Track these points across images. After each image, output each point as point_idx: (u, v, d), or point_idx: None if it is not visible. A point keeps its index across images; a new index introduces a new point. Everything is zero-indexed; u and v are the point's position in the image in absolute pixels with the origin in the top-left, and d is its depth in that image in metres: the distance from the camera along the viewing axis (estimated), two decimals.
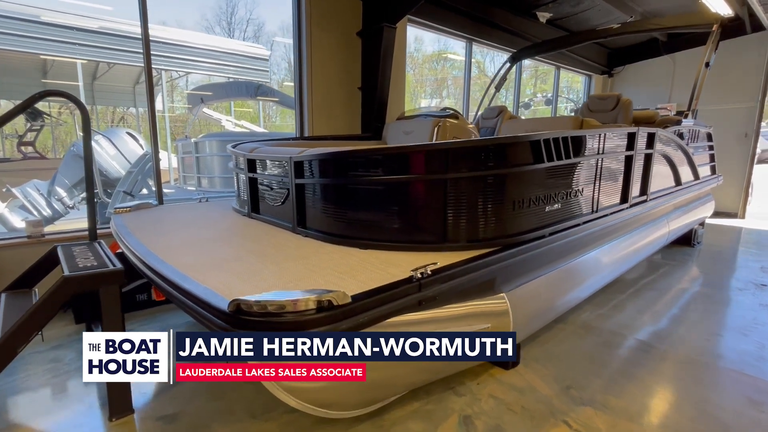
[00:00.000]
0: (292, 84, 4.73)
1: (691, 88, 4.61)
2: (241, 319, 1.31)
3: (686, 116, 4.50)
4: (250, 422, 2.14)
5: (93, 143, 5.76)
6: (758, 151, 8.59)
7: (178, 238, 2.38)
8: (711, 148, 5.47)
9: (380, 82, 4.81)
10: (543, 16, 7.36)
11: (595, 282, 3.13)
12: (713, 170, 5.77)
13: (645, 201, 3.60)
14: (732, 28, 6.07)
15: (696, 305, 3.76)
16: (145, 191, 5.66)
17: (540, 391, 2.42)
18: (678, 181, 4.43)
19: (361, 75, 5.20)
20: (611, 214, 3.06)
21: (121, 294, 2.15)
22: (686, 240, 5.72)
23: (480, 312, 2.07)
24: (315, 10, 4.61)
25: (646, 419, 2.18)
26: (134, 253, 2.14)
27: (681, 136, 4.27)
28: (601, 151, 2.82)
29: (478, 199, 2.04)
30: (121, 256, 2.57)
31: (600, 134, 2.75)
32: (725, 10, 5.71)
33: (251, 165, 2.85)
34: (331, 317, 1.33)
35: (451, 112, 4.79)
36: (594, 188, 2.86)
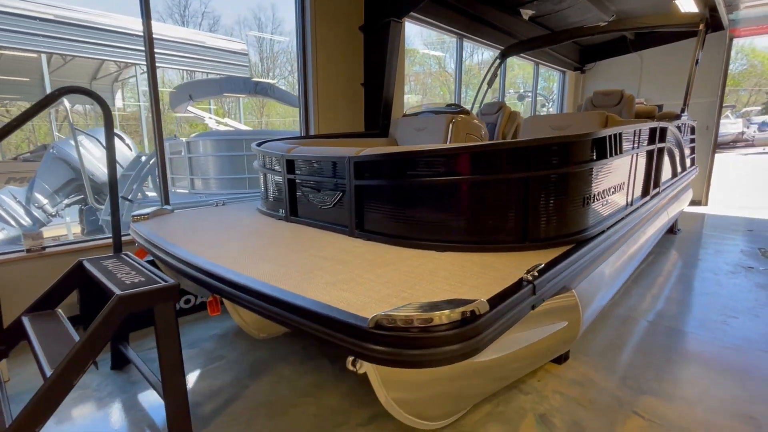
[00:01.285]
0: (263, 79, 4.52)
1: (685, 84, 4.85)
2: (384, 335, 1.21)
3: (683, 111, 4.74)
4: None
5: (71, 143, 5.25)
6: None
7: (232, 246, 2.20)
8: (693, 140, 5.81)
9: (387, 78, 4.71)
10: (526, 13, 7.53)
11: (630, 270, 3.24)
12: (692, 162, 6.14)
13: (658, 193, 3.76)
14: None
15: (700, 289, 3.98)
16: (139, 195, 5.24)
17: (600, 384, 2.46)
18: (675, 172, 4.67)
19: (363, 71, 5.07)
20: (641, 206, 3.16)
21: (175, 311, 1.97)
22: (670, 228, 6.08)
23: (555, 309, 2.06)
24: (318, 5, 4.43)
25: (706, 404, 2.27)
26: (194, 266, 1.95)
27: (678, 129, 4.50)
28: (636, 146, 2.90)
29: (556, 196, 2.02)
30: (152, 264, 2.36)
31: (636, 130, 2.83)
32: (693, 9, 6.08)
33: (290, 166, 2.69)
34: (475, 329, 1.25)
35: (460, 108, 4.79)
36: (629, 182, 2.94)
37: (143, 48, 3.43)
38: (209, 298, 2.16)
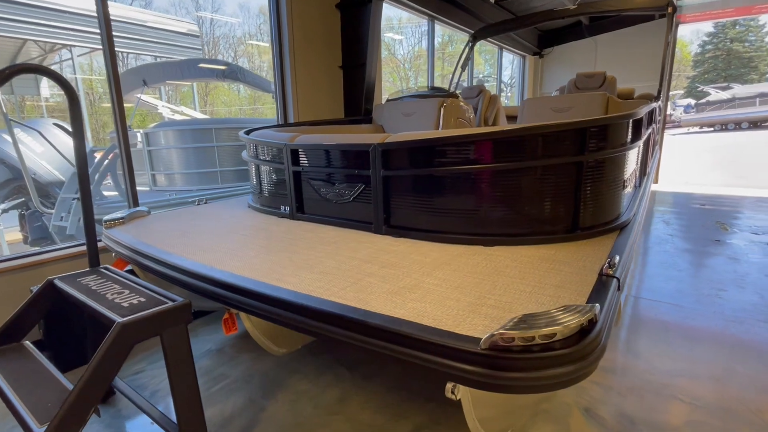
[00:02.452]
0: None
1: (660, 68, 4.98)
2: (501, 358, 1.01)
3: (659, 93, 4.87)
4: None
5: (5, 137, 4.44)
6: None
7: (247, 253, 1.88)
8: (657, 122, 6.06)
9: (369, 60, 4.43)
10: None
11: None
12: (656, 143, 6.43)
13: (648, 173, 3.82)
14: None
15: (682, 264, 4.15)
16: (96, 196, 4.55)
17: (631, 369, 2.43)
18: (652, 153, 4.82)
19: (341, 53, 4.74)
20: (643, 188, 3.18)
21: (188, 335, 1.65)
22: None
23: None
24: None
25: (735, 381, 2.30)
26: (211, 279, 1.63)
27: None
28: (645, 128, 2.88)
29: (604, 182, 1.90)
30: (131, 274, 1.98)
31: (650, 111, 2.79)
32: None
33: (295, 156, 2.37)
34: (595, 341, 1.09)
35: (446, 91, 4.62)
36: (638, 163, 2.92)
37: (88, 29, 2.90)
38: (225, 315, 1.84)
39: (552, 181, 1.82)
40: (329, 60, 4.63)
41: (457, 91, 5.74)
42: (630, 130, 2.04)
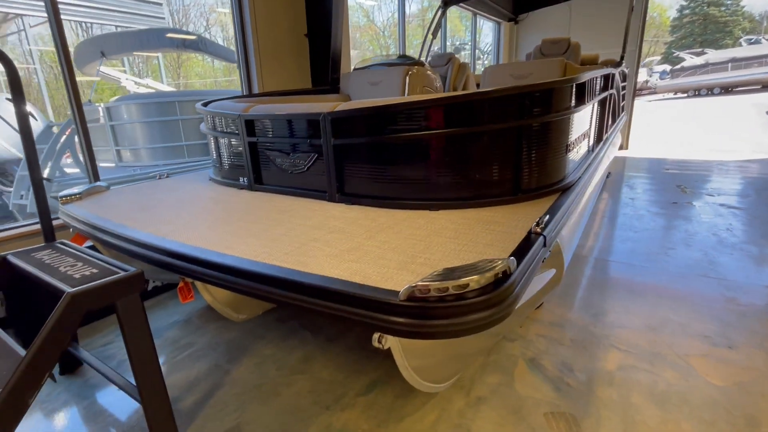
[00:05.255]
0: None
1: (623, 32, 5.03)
2: (418, 307, 1.11)
3: (622, 59, 4.94)
4: (327, 414, 1.94)
5: None
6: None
7: (201, 224, 1.92)
8: (624, 88, 6.16)
9: (334, 28, 4.33)
10: None
11: (588, 214, 3.41)
12: (623, 109, 6.55)
13: (606, 139, 3.94)
14: None
15: (638, 225, 4.36)
16: (56, 173, 4.43)
17: (576, 323, 2.61)
18: (614, 118, 4.93)
19: (306, 20, 4.63)
20: (597, 152, 3.29)
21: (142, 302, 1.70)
22: None
23: (548, 258, 2.09)
24: None
25: (669, 329, 2.50)
26: (161, 249, 1.67)
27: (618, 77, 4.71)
28: (598, 92, 2.96)
29: (544, 146, 1.99)
30: (94, 250, 2.01)
31: (600, 76, 2.86)
32: None
33: (250, 127, 2.38)
34: (508, 290, 1.19)
35: (414, 59, 4.59)
36: (590, 128, 3.01)
37: None
38: (179, 283, 1.90)
39: (493, 146, 1.90)
40: (294, 28, 4.52)
41: (427, 60, 5.70)
42: (573, 95, 2.11)
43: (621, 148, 9.48)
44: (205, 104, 2.72)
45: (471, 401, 1.99)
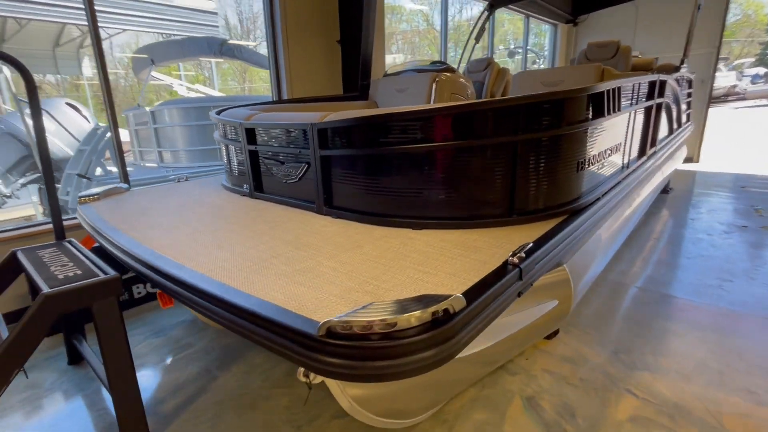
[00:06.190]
0: (236, 42, 4.07)
1: (686, 33, 4.50)
2: (339, 345, 1.00)
3: (682, 63, 4.43)
4: None
5: (27, 118, 4.81)
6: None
7: (182, 230, 1.95)
8: (690, 95, 5.53)
9: (364, 34, 4.30)
10: None
11: (624, 236, 3.06)
12: (688, 117, 5.88)
13: (655, 152, 3.53)
14: None
15: (694, 250, 3.85)
16: (99, 171, 4.86)
17: (591, 360, 2.33)
18: (671, 129, 4.43)
19: (339, 26, 4.64)
20: (637, 168, 2.94)
21: (120, 307, 1.74)
22: (662, 188, 5.92)
23: (545, 286, 1.87)
24: None
25: (703, 378, 2.14)
26: (134, 256, 1.70)
27: (677, 83, 4.21)
28: (635, 102, 2.64)
29: (547, 162, 1.78)
30: (99, 251, 2.10)
31: (635, 83, 2.55)
32: None
33: (250, 135, 2.39)
34: (448, 331, 1.04)
35: (445, 65, 4.43)
36: (626, 142, 2.69)
37: (82, 6, 3.00)
38: (158, 290, 1.93)
39: (483, 162, 1.72)
40: (327, 35, 4.55)
41: (462, 65, 5.50)
42: (584, 107, 1.87)
43: (690, 161, 8.55)
44: (219, 112, 2.78)
45: None
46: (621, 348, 2.43)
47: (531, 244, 1.44)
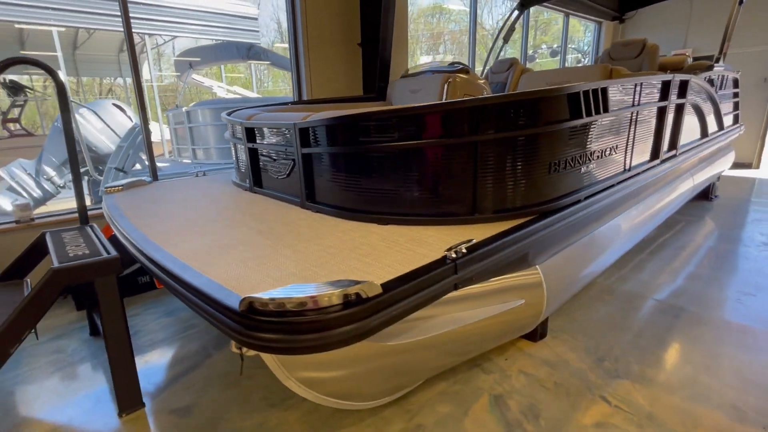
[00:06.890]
0: (285, 45, 4.32)
1: (724, 28, 4.21)
2: (255, 320, 1.12)
3: (717, 60, 4.14)
4: (269, 412, 2.02)
5: (78, 117, 5.43)
6: None
7: (177, 219, 2.17)
8: (736, 95, 5.13)
9: (383, 36, 4.41)
10: None
11: (625, 244, 2.95)
12: (736, 119, 5.45)
13: (674, 156, 3.35)
14: None
15: (722, 263, 3.60)
16: (138, 166, 5.38)
17: (573, 365, 2.29)
18: (704, 132, 4.15)
19: (360, 29, 4.78)
20: (643, 172, 2.83)
21: (119, 283, 1.97)
22: (704, 194, 5.52)
23: (513, 286, 1.89)
24: None
25: (688, 391, 2.05)
26: (129, 240, 1.93)
27: (711, 82, 3.95)
28: (636, 103, 2.55)
29: (512, 163, 1.80)
30: (115, 241, 2.36)
31: (638, 84, 2.47)
32: None
33: (250, 134, 2.58)
34: (359, 313, 1.13)
35: (461, 66, 4.44)
36: (627, 144, 2.60)
37: (119, 13, 3.35)
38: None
39: (445, 161, 1.78)
40: (347, 37, 4.71)
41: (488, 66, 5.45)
42: (552, 108, 1.86)
43: (748, 167, 7.87)
44: (230, 113, 3.01)
45: (410, 427, 1.89)
46: (608, 356, 2.37)
47: (473, 240, 1.49)
